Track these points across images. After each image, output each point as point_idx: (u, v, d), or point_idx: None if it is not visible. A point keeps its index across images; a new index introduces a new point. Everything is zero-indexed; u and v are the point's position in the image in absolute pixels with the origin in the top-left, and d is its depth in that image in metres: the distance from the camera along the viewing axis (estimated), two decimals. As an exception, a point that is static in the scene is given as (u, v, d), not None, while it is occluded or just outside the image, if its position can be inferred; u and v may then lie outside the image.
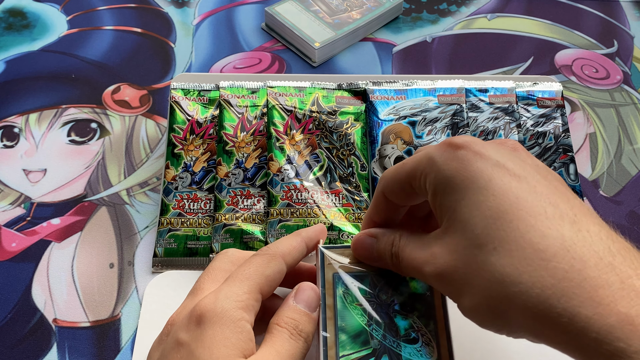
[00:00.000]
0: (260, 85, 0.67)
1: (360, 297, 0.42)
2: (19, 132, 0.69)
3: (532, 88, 0.68)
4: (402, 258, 0.40)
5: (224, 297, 0.39)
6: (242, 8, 0.85)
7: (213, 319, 0.37)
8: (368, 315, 0.42)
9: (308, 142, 0.64)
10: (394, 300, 0.42)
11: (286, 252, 0.43)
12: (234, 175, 0.62)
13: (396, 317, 0.42)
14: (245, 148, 0.63)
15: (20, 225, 0.62)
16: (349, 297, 0.42)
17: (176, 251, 0.59)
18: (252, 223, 0.60)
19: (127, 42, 0.80)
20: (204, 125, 0.65)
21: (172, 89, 0.67)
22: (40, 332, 0.55)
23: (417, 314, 0.42)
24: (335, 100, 0.67)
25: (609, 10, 0.88)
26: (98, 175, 0.66)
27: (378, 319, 0.41)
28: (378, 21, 0.82)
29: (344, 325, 0.41)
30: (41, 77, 0.75)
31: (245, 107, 0.65)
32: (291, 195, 0.60)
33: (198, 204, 0.61)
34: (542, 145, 0.65)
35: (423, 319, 0.42)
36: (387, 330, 0.41)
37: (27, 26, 0.81)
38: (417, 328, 0.41)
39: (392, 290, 0.43)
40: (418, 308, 0.42)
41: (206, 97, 0.66)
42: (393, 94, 0.67)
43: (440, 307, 0.42)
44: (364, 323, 0.41)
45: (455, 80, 0.68)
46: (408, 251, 0.40)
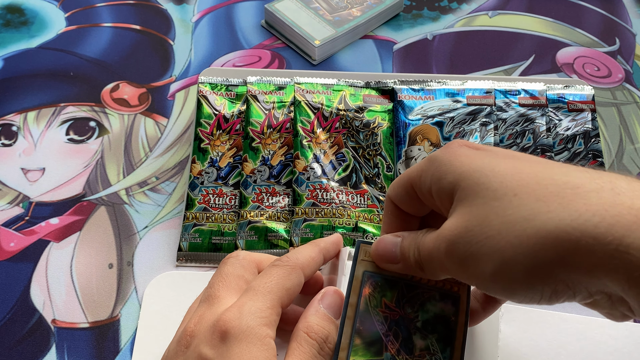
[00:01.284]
0: (288, 82, 0.67)
1: (385, 304, 0.40)
2: (17, 130, 0.69)
3: (563, 91, 0.67)
4: (422, 249, 0.38)
5: (249, 312, 0.38)
6: (242, 5, 0.85)
7: (239, 336, 0.37)
8: (388, 325, 0.40)
9: (334, 140, 0.64)
10: (418, 316, 0.40)
11: (305, 264, 0.42)
12: (260, 172, 0.62)
13: (415, 334, 0.40)
14: (271, 145, 0.63)
15: (18, 224, 0.62)
16: (373, 301, 0.40)
17: (200, 246, 0.59)
18: (276, 221, 0.60)
19: (126, 40, 0.79)
20: (231, 120, 0.65)
21: (200, 83, 0.67)
22: (39, 332, 0.55)
23: (437, 337, 0.40)
24: (363, 98, 0.66)
25: (611, 7, 0.87)
26: (97, 175, 0.66)
27: (397, 331, 0.40)
28: (378, 18, 0.82)
29: (362, 329, 0.39)
30: (39, 75, 0.75)
31: (272, 104, 0.65)
32: (317, 194, 0.60)
33: (223, 199, 0.61)
34: (572, 150, 0.64)
35: (441, 344, 0.40)
36: (403, 346, 0.39)
37: (25, 23, 0.81)
38: (432, 351, 0.39)
39: (419, 305, 0.41)
40: (439, 330, 0.40)
41: (233, 92, 0.67)
42: (421, 93, 0.66)
43: (460, 336, 0.40)
44: (382, 332, 0.40)
45: (484, 82, 0.67)
46: (426, 240, 0.37)
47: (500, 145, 0.64)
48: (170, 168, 0.66)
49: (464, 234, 0.34)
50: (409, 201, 0.40)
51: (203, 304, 0.41)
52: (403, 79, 0.68)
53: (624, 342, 0.54)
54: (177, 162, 0.67)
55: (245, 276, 0.43)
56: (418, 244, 0.38)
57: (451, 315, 0.41)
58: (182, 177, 0.65)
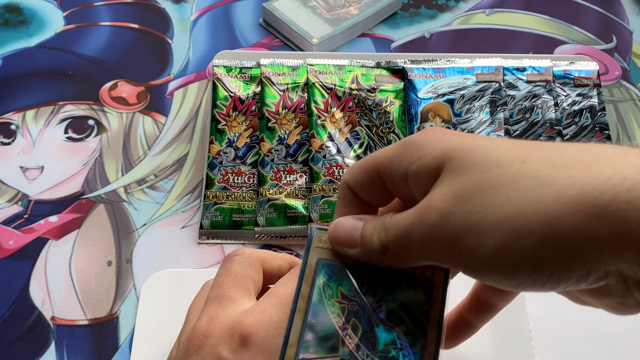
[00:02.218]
0: (301, 63, 0.68)
1: (341, 294, 0.35)
2: (15, 129, 0.69)
3: (569, 67, 0.70)
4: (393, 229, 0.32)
5: (269, 321, 0.37)
6: (240, 4, 0.85)
7: (262, 346, 0.36)
8: (345, 317, 0.35)
9: (348, 119, 0.65)
10: (381, 305, 0.35)
11: (267, 259, 0.42)
12: (277, 152, 0.63)
13: (378, 326, 0.35)
14: (287, 125, 0.64)
15: (17, 222, 0.62)
16: (328, 291, 0.35)
17: (222, 223, 0.61)
18: (295, 198, 0.62)
19: (124, 38, 0.79)
20: (246, 102, 0.66)
21: (215, 66, 0.68)
22: (38, 330, 0.55)
23: (405, 329, 0.35)
24: (374, 78, 0.68)
25: (607, 5, 0.87)
26: (95, 173, 0.66)
27: (357, 323, 0.35)
28: (376, 17, 0.82)
29: (314, 322, 0.35)
30: (38, 74, 0.75)
31: (286, 85, 0.67)
32: (333, 171, 0.62)
33: (242, 178, 0.63)
34: (579, 124, 0.66)
35: (410, 337, 0.34)
36: (363, 341, 0.34)
37: (24, 22, 0.81)
38: (400, 346, 0.34)
39: (382, 293, 0.35)
40: (407, 322, 0.35)
41: (248, 74, 0.68)
42: (431, 72, 0.68)
43: (435, 327, 0.35)
44: (338, 325, 0.35)
45: (493, 59, 0.70)
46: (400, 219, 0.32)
47: (510, 120, 0.66)
48: (169, 166, 0.66)
49: (462, 203, 0.29)
50: (371, 189, 0.36)
51: (212, 303, 0.40)
52: (413, 59, 0.70)
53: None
54: (175, 159, 0.67)
55: (253, 275, 0.42)
56: (386, 225, 0.33)
57: (422, 305, 0.35)
58: (180, 175, 0.66)
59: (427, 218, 0.30)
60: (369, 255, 0.34)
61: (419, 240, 0.31)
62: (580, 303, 0.35)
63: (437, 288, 0.35)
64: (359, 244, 0.34)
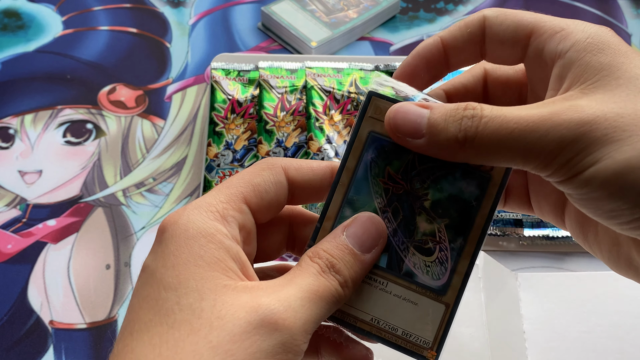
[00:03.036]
0: (299, 66, 0.68)
1: (388, 174, 0.33)
2: (14, 133, 0.69)
3: None
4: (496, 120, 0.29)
5: (193, 206, 0.30)
6: (238, 8, 0.85)
7: (176, 233, 0.29)
8: (388, 199, 0.32)
9: (347, 122, 0.65)
10: (427, 194, 0.32)
11: (293, 166, 0.33)
12: (275, 154, 0.63)
13: (420, 214, 0.32)
14: (285, 127, 0.64)
15: (16, 226, 0.62)
16: (375, 168, 0.33)
17: None
18: None
19: (123, 43, 0.79)
20: (244, 104, 0.66)
21: (213, 69, 0.68)
22: (37, 334, 0.55)
23: (447, 223, 0.32)
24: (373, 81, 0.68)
25: (606, 7, 0.87)
26: (94, 176, 0.66)
27: (398, 208, 0.32)
28: (375, 20, 0.82)
29: (355, 199, 0.33)
30: (36, 78, 0.75)
31: (285, 88, 0.67)
32: None
33: None
34: None
35: (451, 231, 0.32)
36: (402, 227, 0.32)
37: (22, 27, 0.81)
38: (438, 239, 0.32)
39: (431, 181, 0.32)
40: (452, 215, 0.32)
41: (246, 77, 0.68)
42: None
43: (479, 228, 0.32)
44: (380, 206, 0.32)
45: None
46: (513, 112, 0.29)
47: None
48: (168, 169, 0.66)
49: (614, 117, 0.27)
50: (464, 47, 0.33)
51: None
52: None
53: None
54: (174, 163, 0.67)
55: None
56: (479, 115, 0.29)
57: (472, 200, 0.32)
58: (179, 178, 0.65)
59: (568, 121, 0.27)
60: (437, 147, 0.30)
61: (536, 140, 0.28)
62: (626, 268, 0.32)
63: (494, 185, 0.32)
64: (426, 133, 0.30)
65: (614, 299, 0.55)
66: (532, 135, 0.28)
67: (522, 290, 0.55)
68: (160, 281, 0.28)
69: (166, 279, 0.28)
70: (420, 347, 0.32)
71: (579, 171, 0.27)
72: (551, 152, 0.28)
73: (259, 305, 0.27)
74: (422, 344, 0.32)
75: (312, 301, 0.29)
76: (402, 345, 0.32)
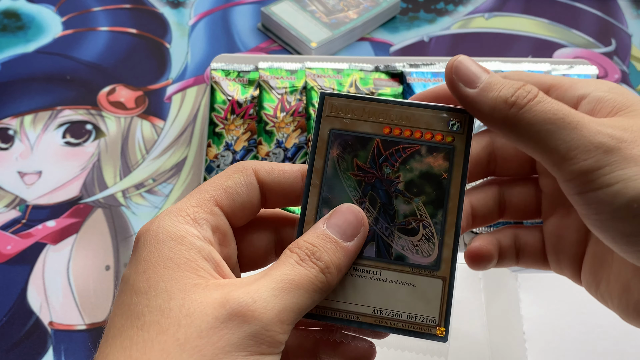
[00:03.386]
0: (299, 67, 0.68)
1: (357, 166, 0.33)
2: (13, 134, 0.69)
3: (568, 71, 0.70)
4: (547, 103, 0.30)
5: (164, 213, 0.31)
6: (238, 8, 0.85)
7: (147, 239, 0.29)
8: (362, 190, 0.33)
9: None
10: (399, 176, 0.33)
11: (264, 168, 0.33)
12: (275, 155, 0.63)
13: (397, 198, 0.33)
14: (285, 128, 0.64)
15: (15, 227, 0.62)
16: (343, 163, 0.33)
17: None
18: None
19: (123, 43, 0.79)
20: (244, 105, 0.66)
21: (212, 70, 0.68)
22: (36, 335, 0.55)
23: (425, 199, 0.33)
24: (373, 82, 0.68)
25: (606, 8, 0.87)
26: (93, 177, 0.65)
27: (374, 196, 0.33)
28: (375, 21, 0.82)
29: (330, 197, 0.33)
30: (36, 79, 0.75)
31: (285, 88, 0.67)
32: None
33: None
34: None
35: (430, 207, 0.33)
36: (382, 214, 0.33)
37: (22, 27, 0.81)
38: (419, 217, 0.33)
39: (400, 164, 0.33)
40: (427, 192, 0.33)
41: (246, 77, 0.68)
42: (430, 76, 0.68)
43: (456, 196, 0.33)
44: (355, 199, 0.33)
45: (491, 63, 0.70)
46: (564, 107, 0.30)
47: None
48: (167, 170, 0.66)
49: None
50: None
51: None
52: (412, 62, 0.70)
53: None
54: (174, 164, 0.67)
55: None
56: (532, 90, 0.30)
57: (442, 172, 0.33)
58: (179, 179, 0.65)
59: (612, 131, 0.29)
60: (486, 100, 0.31)
61: (576, 136, 0.29)
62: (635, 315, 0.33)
63: (459, 153, 0.34)
64: (481, 86, 0.32)
65: None
66: (574, 131, 0.29)
67: (522, 290, 0.55)
68: (133, 287, 0.28)
69: (137, 284, 0.28)
70: (428, 327, 0.32)
71: (607, 184, 0.28)
72: (585, 152, 0.28)
73: (227, 300, 0.27)
74: (428, 322, 0.32)
75: (287, 290, 0.28)
76: (410, 329, 0.32)
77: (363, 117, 0.34)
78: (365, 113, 0.34)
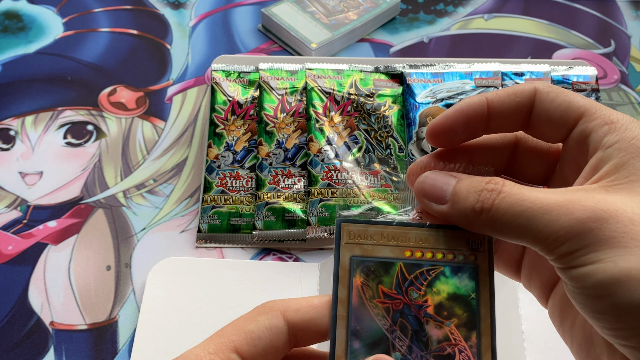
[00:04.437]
0: (299, 68, 0.69)
1: (383, 292, 0.32)
2: (14, 134, 0.69)
3: (567, 72, 0.70)
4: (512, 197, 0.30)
5: (181, 359, 0.31)
6: (239, 9, 0.85)
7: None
8: (392, 318, 0.32)
9: (347, 123, 0.66)
10: (427, 300, 0.32)
11: (292, 307, 0.32)
12: (275, 155, 0.64)
13: (428, 323, 0.32)
14: (285, 129, 0.65)
15: (16, 228, 0.62)
16: (368, 291, 0.32)
17: (219, 227, 0.61)
18: (293, 201, 0.62)
19: (123, 44, 0.79)
20: (245, 106, 0.67)
21: (213, 71, 0.69)
22: (37, 335, 0.55)
23: (457, 322, 0.32)
24: (373, 82, 0.69)
25: (605, 9, 0.87)
26: (94, 178, 0.66)
27: (405, 323, 0.32)
28: (375, 22, 0.82)
29: (359, 328, 0.31)
30: (37, 80, 0.75)
31: (285, 89, 0.67)
32: (331, 175, 0.62)
33: (240, 182, 0.63)
34: None
35: (463, 330, 0.32)
36: (415, 341, 0.31)
37: (23, 28, 0.81)
38: (454, 341, 0.32)
39: (426, 287, 0.32)
40: (458, 314, 0.32)
41: (246, 78, 0.69)
42: (430, 77, 0.69)
43: (487, 315, 0.32)
44: (385, 328, 0.32)
45: (491, 64, 0.70)
46: (531, 192, 0.29)
47: None
48: (168, 170, 0.66)
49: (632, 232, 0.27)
50: (509, 113, 0.33)
51: None
52: (411, 63, 0.70)
53: None
54: (174, 164, 0.67)
55: None
56: (499, 189, 0.30)
57: (470, 293, 0.32)
58: (179, 179, 0.66)
59: (581, 212, 0.28)
60: (457, 213, 0.32)
61: (546, 223, 0.28)
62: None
63: (483, 272, 0.33)
64: (449, 200, 0.32)
65: None
66: (543, 218, 0.28)
67: (521, 290, 0.55)
68: None
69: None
70: None
71: (579, 265, 0.28)
72: (558, 238, 0.28)
73: None
74: None
75: None
76: None
77: (382, 241, 0.33)
78: (384, 237, 0.33)
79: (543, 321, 0.54)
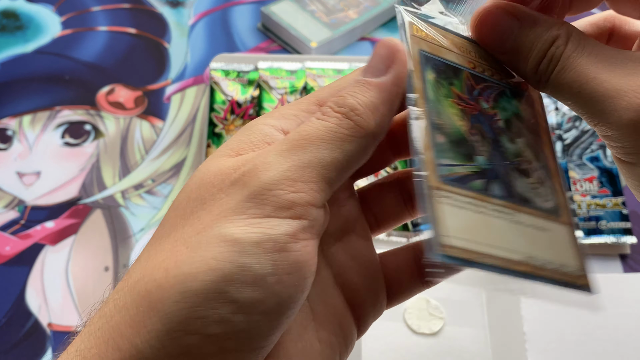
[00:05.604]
0: (299, 67, 0.68)
1: (456, 94, 0.28)
2: (12, 134, 0.69)
3: None
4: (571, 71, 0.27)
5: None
6: (238, 8, 0.85)
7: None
8: (470, 121, 0.28)
9: None
10: (497, 113, 0.29)
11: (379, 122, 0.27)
12: None
13: (502, 135, 0.29)
14: None
15: (14, 228, 0.61)
16: (442, 89, 0.28)
17: None
18: None
19: (122, 43, 0.79)
20: (244, 105, 0.66)
21: (212, 70, 0.68)
22: (35, 336, 0.54)
23: (525, 141, 0.29)
24: None
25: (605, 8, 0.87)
26: (92, 178, 0.65)
27: (482, 129, 0.28)
28: (375, 21, 0.82)
29: (441, 123, 0.27)
30: (35, 79, 0.74)
31: (285, 89, 0.67)
32: None
33: None
34: (580, 128, 0.66)
35: (530, 150, 0.29)
36: (494, 150, 0.28)
37: (21, 27, 0.81)
38: (527, 159, 0.29)
39: (493, 101, 0.29)
40: (524, 134, 0.29)
41: (245, 78, 0.68)
42: None
43: (547, 142, 0.30)
44: (464, 128, 0.28)
45: None
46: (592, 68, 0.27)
47: None
48: (167, 170, 0.66)
49: None
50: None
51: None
52: None
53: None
54: (173, 164, 0.66)
55: None
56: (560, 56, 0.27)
57: (530, 117, 0.30)
58: (178, 180, 0.65)
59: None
60: (516, 69, 0.30)
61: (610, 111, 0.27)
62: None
63: (537, 103, 0.31)
64: (508, 51, 0.29)
65: (615, 302, 0.55)
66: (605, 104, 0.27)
67: None
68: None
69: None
70: (577, 277, 0.27)
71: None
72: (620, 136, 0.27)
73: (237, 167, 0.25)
74: (576, 272, 0.27)
75: (296, 147, 0.25)
76: (561, 280, 0.27)
77: (447, 46, 0.30)
78: (448, 43, 0.30)
79: (545, 322, 0.54)
